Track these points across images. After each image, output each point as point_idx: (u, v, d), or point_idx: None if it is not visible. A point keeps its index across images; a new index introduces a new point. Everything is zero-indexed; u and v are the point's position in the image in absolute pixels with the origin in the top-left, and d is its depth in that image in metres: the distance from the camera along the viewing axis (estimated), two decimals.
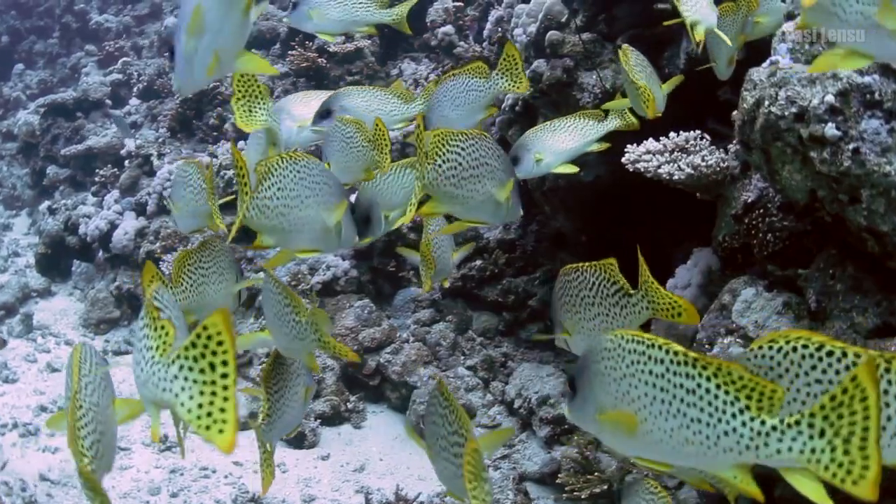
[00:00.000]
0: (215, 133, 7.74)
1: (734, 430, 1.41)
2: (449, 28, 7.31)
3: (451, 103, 2.99)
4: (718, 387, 1.41)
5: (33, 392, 5.87)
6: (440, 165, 2.24)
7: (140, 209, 7.38)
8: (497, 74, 2.95)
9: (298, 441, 5.26)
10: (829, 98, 2.25)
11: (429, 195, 2.26)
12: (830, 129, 2.25)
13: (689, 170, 2.91)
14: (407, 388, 5.62)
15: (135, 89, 9.18)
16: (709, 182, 2.99)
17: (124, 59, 9.68)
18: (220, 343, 1.20)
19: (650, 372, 1.50)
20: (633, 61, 2.65)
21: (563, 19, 4.85)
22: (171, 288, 2.48)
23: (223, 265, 2.59)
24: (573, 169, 3.11)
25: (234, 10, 1.82)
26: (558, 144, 3.05)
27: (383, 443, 5.39)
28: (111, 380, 1.98)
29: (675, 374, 1.46)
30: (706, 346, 2.70)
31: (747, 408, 1.39)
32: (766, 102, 2.39)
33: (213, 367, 1.20)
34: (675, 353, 1.46)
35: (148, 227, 7.13)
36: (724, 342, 2.65)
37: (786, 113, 2.34)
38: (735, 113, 3.16)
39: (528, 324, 6.02)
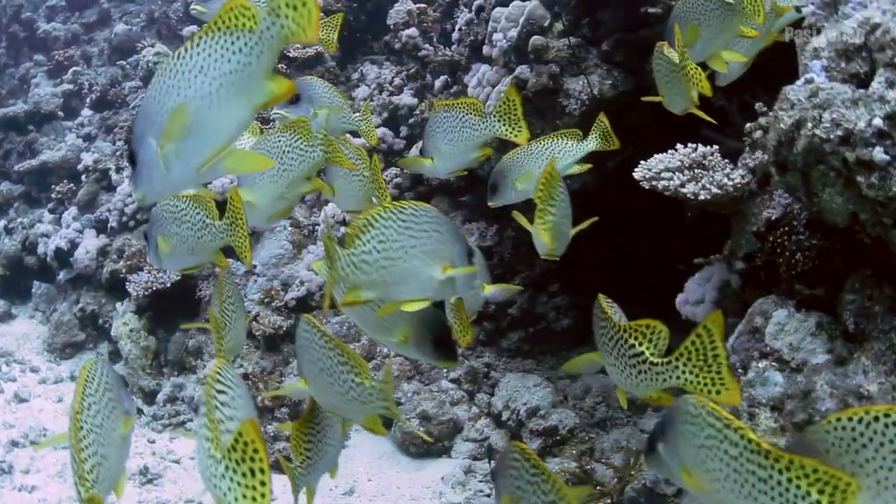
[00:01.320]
0: None
1: None
2: (413, 31, 7.16)
3: (445, 136, 2.90)
4: (790, 480, 1.47)
5: (2, 426, 5.59)
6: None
7: (101, 226, 7.13)
8: (494, 117, 2.82)
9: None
10: (877, 121, 2.17)
11: None
12: (879, 154, 2.17)
13: (715, 189, 2.82)
14: None
15: (87, 100, 8.88)
16: (730, 199, 2.91)
17: (74, 68, 9.37)
18: (255, 451, 1.36)
19: (726, 452, 1.56)
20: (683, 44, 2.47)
21: (546, 24, 4.75)
22: (219, 328, 2.54)
23: (240, 300, 2.64)
24: None
25: (236, 108, 1.56)
26: (537, 170, 2.97)
27: (370, 462, 5.26)
28: (127, 397, 1.89)
29: (748, 460, 1.53)
30: (739, 371, 2.63)
31: (819, 502, 1.45)
32: (809, 124, 2.30)
33: (252, 472, 1.35)
34: (749, 441, 1.53)
35: (110, 245, 6.88)
36: (759, 366, 2.58)
37: (831, 136, 2.26)
38: (750, 124, 3.09)
39: (508, 332, 5.94)
